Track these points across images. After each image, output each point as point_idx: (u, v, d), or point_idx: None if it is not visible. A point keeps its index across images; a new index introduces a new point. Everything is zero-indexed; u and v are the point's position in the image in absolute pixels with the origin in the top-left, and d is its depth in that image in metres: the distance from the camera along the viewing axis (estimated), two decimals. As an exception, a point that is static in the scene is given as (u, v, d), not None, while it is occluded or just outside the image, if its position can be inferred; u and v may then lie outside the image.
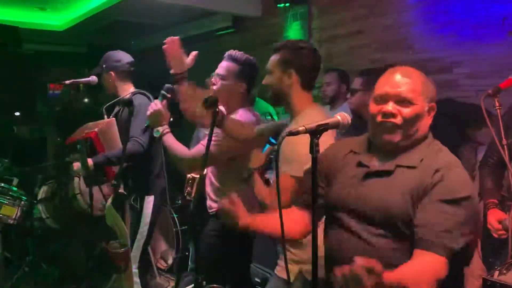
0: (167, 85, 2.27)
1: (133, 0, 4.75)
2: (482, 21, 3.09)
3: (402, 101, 1.38)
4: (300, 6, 4.56)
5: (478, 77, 3.13)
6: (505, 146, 1.91)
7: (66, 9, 5.90)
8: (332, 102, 3.60)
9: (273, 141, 2.03)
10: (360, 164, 1.48)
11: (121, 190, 2.28)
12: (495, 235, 2.06)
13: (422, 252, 1.29)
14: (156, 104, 2.22)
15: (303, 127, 1.30)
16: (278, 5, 4.60)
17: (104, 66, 2.89)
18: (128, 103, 2.44)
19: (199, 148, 2.17)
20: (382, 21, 3.78)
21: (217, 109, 1.80)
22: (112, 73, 2.88)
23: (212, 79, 2.34)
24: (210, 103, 1.80)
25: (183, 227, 4.18)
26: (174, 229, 4.18)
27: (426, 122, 1.43)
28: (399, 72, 1.42)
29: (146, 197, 2.75)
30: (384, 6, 3.78)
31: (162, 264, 4.37)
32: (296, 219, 1.58)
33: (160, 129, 2.21)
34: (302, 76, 1.95)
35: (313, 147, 1.30)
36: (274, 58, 2.00)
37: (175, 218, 4.24)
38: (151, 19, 5.83)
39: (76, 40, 6.77)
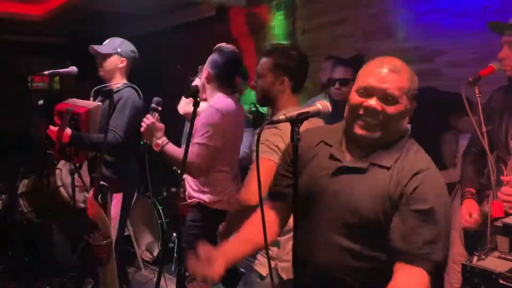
0: (156, 98, 2.30)
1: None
2: (464, 10, 3.11)
3: (387, 98, 1.32)
4: (284, -5, 4.52)
5: (460, 65, 3.14)
6: (484, 134, 1.93)
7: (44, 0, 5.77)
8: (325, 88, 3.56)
9: None
10: (332, 157, 1.42)
11: (102, 182, 2.24)
12: (465, 224, 2.10)
13: (405, 266, 1.24)
14: (148, 119, 2.24)
15: (284, 116, 1.30)
16: (261, -6, 4.56)
17: (119, 49, 2.83)
18: (109, 94, 2.40)
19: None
20: (366, 10, 3.78)
21: (198, 100, 1.79)
22: (125, 61, 2.83)
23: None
24: (190, 94, 1.79)
25: (168, 219, 4.17)
26: (159, 221, 4.16)
27: (406, 120, 1.39)
28: (387, 65, 1.34)
29: (114, 194, 2.70)
30: (366, -5, 3.78)
31: (147, 256, 4.36)
32: (269, 219, 1.49)
33: (159, 141, 2.24)
34: (293, 81, 2.04)
35: (294, 135, 1.29)
36: (266, 62, 2.07)
37: (160, 210, 4.22)
38: (133, 9, 5.74)
39: (56, 31, 6.63)
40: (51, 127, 2.52)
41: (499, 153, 2.11)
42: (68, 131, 2.48)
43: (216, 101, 2.42)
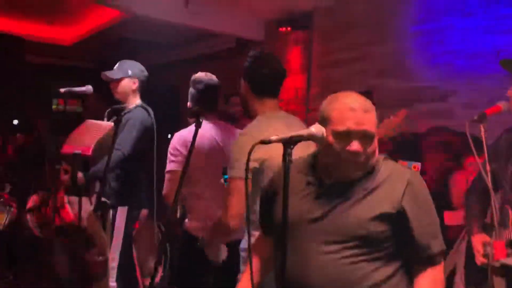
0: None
1: (140, 18, 4.84)
2: (477, 52, 3.12)
3: (365, 137, 1.37)
4: (302, 31, 4.62)
5: (473, 106, 3.12)
6: (488, 173, 1.88)
7: (74, 24, 6.03)
8: None
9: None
10: (309, 183, 1.46)
11: (103, 199, 2.27)
12: (479, 261, 2.01)
13: (430, 268, 1.36)
14: None
15: (276, 137, 1.30)
16: (280, 30, 4.67)
17: (129, 72, 2.90)
18: (117, 113, 2.45)
19: None
20: (381, 49, 3.82)
21: (200, 120, 1.81)
22: (137, 81, 2.91)
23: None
24: (192, 114, 1.83)
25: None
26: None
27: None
28: (359, 107, 1.38)
29: (119, 207, 2.72)
30: (383, 34, 3.83)
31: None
32: (266, 256, 1.60)
33: None
34: (251, 84, 2.03)
35: (286, 157, 1.29)
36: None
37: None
38: (157, 37, 5.93)
39: (83, 55, 6.88)
40: (63, 176, 2.60)
41: (505, 195, 2.06)
42: (81, 176, 2.52)
43: (187, 128, 2.47)
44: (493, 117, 2.10)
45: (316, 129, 1.36)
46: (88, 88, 2.89)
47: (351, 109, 1.38)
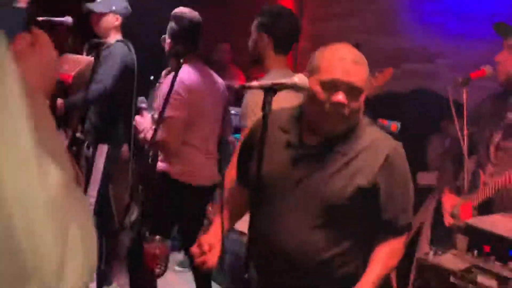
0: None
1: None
2: (471, 14, 3.06)
3: (352, 90, 1.31)
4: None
5: (461, 70, 3.11)
6: (465, 137, 1.91)
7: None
8: None
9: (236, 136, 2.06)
10: (289, 144, 1.42)
11: (78, 134, 2.22)
12: (447, 222, 2.08)
13: (391, 238, 1.37)
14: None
15: (256, 82, 1.28)
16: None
17: (113, 8, 2.78)
18: (97, 47, 2.37)
19: None
20: (373, 5, 3.73)
21: (181, 62, 1.77)
22: (119, 17, 2.79)
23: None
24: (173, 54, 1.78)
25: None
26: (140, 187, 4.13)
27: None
28: (349, 57, 1.33)
29: (99, 145, 2.68)
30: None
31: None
32: (241, 203, 1.59)
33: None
34: (273, 38, 2.06)
35: (265, 104, 1.27)
36: (254, 21, 2.13)
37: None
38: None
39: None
40: None
41: (479, 158, 2.10)
42: (60, 103, 2.46)
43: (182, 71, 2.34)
44: (476, 82, 2.10)
45: (299, 78, 1.33)
46: (68, 19, 2.77)
47: (340, 58, 1.33)
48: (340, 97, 1.30)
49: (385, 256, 1.34)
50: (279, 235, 1.38)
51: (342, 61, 1.32)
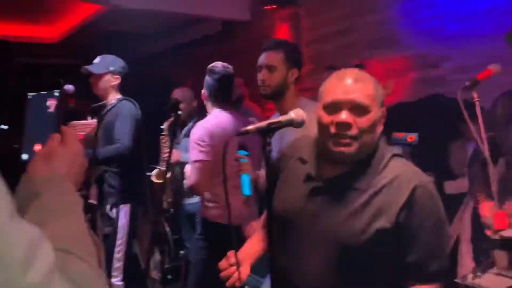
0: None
1: (125, 11, 4.71)
2: (468, 14, 3.00)
3: (357, 108, 1.25)
4: (287, 8, 4.49)
5: (466, 71, 3.02)
6: (484, 141, 1.81)
7: (58, 21, 5.91)
8: None
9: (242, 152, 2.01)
10: (308, 177, 1.35)
11: (91, 200, 2.21)
12: (488, 231, 1.94)
13: (417, 284, 1.23)
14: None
15: (253, 127, 1.23)
16: (266, 8, 4.54)
17: (111, 68, 2.85)
18: (97, 110, 2.41)
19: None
20: (369, 18, 3.70)
21: (179, 113, 1.76)
22: (118, 77, 2.84)
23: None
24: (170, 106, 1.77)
25: (176, 236, 4.11)
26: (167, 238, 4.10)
27: (379, 129, 1.31)
28: (349, 76, 1.28)
29: (121, 206, 2.68)
30: (370, 3, 3.71)
31: (155, 275, 4.29)
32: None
33: None
34: (299, 74, 2.21)
35: (265, 147, 1.22)
36: (276, 55, 2.18)
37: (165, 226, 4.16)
38: (142, 29, 5.82)
39: (70, 52, 6.75)
40: None
41: (510, 160, 1.98)
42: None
43: (206, 118, 2.46)
44: (487, 80, 2.01)
45: (295, 113, 1.29)
46: (68, 87, 2.81)
47: (339, 78, 1.30)
48: (343, 116, 1.25)
49: None
50: (297, 274, 1.32)
51: (342, 81, 1.29)
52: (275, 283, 1.26)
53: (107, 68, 2.82)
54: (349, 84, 1.27)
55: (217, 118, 2.43)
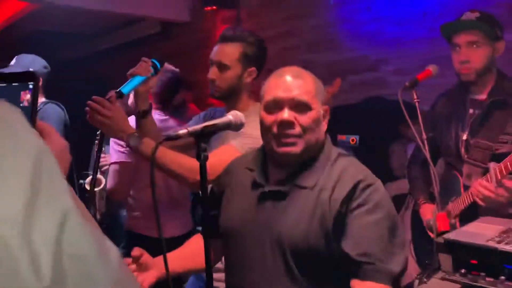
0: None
1: (54, 9, 4.41)
2: (404, 17, 3.05)
3: (298, 106, 1.21)
4: (228, 10, 4.41)
5: (404, 73, 3.07)
6: (425, 141, 1.80)
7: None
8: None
9: None
10: (255, 183, 1.29)
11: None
12: (431, 233, 1.95)
13: (364, 283, 1.12)
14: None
15: (185, 130, 1.12)
16: (205, 9, 4.43)
17: (30, 69, 2.59)
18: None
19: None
20: (309, 22, 3.69)
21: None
22: (41, 79, 2.60)
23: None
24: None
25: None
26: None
27: (324, 127, 1.28)
28: (289, 74, 1.24)
29: None
30: (310, 6, 3.70)
31: None
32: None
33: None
34: (258, 73, 1.82)
35: (200, 153, 1.11)
36: (231, 50, 1.75)
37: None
38: (75, 28, 5.51)
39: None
40: None
41: (450, 161, 2.00)
42: None
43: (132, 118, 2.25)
44: (425, 82, 2.01)
45: (233, 115, 1.20)
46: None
47: (279, 75, 1.25)
48: (285, 114, 1.20)
49: None
50: (252, 281, 1.25)
51: (281, 78, 1.24)
52: None
53: (26, 69, 2.59)
54: (288, 82, 1.23)
55: None
